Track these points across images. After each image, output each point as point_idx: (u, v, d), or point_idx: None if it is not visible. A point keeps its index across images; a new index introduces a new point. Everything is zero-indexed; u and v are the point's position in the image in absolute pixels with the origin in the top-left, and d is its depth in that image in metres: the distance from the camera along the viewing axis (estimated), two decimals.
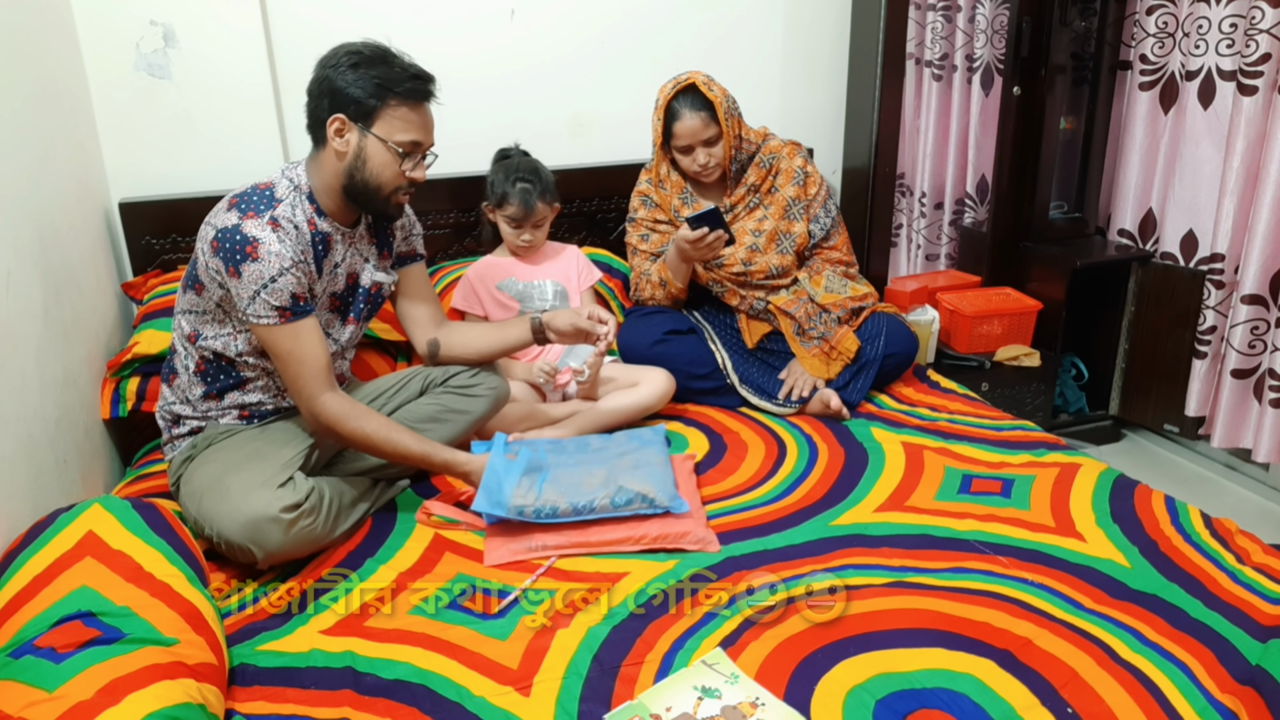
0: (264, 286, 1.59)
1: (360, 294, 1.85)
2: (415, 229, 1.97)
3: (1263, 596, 1.46)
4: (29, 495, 1.55)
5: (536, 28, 2.61)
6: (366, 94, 1.63)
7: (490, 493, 1.69)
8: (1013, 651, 1.36)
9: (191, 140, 2.36)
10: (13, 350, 1.57)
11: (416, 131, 1.69)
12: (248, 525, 1.55)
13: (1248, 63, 2.37)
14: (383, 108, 1.65)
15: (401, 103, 1.65)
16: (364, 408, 1.73)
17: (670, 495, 1.73)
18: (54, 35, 2.07)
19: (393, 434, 1.71)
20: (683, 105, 2.25)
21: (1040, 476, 1.86)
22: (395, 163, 1.68)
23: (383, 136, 1.66)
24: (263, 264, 1.59)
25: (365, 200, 1.72)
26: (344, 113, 1.65)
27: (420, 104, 1.69)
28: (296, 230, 1.66)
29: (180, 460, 1.74)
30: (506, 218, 2.27)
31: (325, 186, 1.71)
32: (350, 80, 1.63)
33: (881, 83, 2.69)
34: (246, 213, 1.62)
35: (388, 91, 1.64)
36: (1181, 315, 2.67)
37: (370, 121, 1.65)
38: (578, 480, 1.76)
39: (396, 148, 1.66)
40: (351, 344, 1.90)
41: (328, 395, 1.67)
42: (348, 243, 1.79)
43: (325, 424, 1.69)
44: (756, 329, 2.38)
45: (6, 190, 1.65)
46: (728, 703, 1.26)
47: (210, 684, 1.23)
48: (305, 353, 1.65)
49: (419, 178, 1.73)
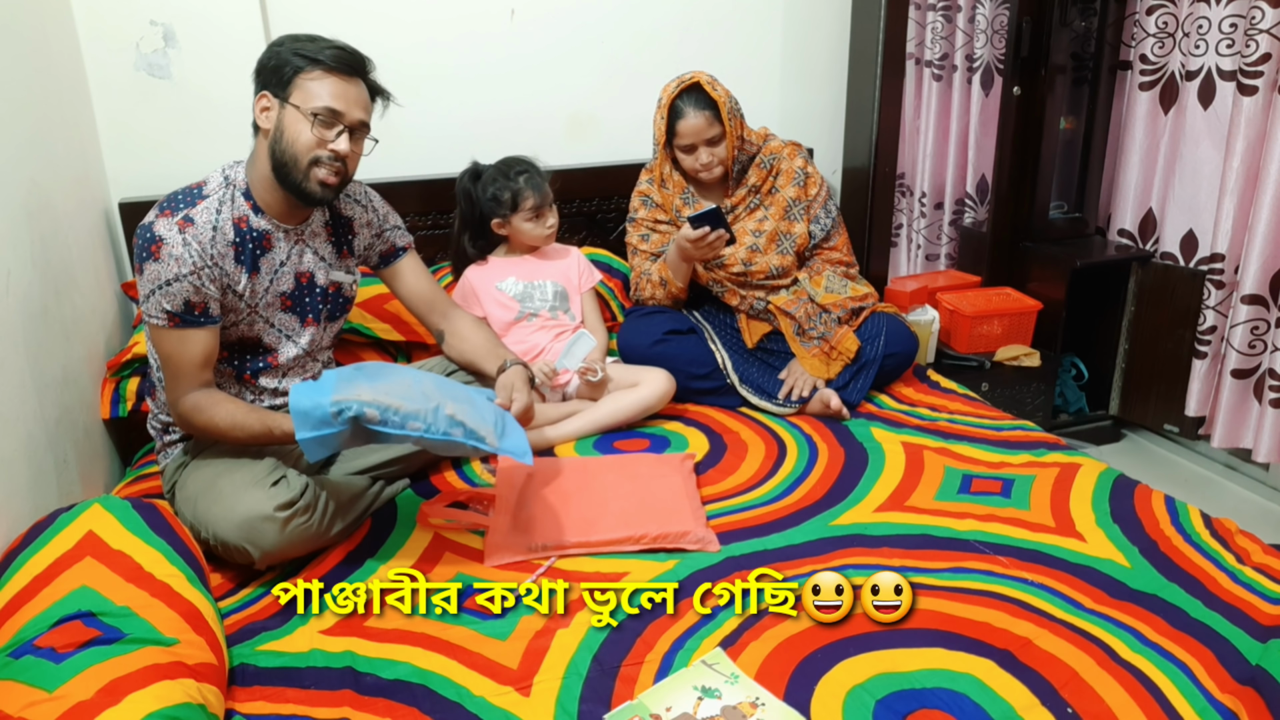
0: (159, 288, 1.58)
1: (317, 294, 1.81)
2: (389, 222, 1.92)
3: (1263, 596, 1.46)
4: (29, 495, 1.55)
5: (536, 27, 2.61)
6: (284, 64, 1.62)
7: (308, 405, 1.46)
8: (1013, 651, 1.36)
9: (191, 140, 2.36)
10: (13, 350, 1.57)
11: (332, 99, 1.63)
12: (242, 525, 1.54)
13: (1248, 63, 2.37)
14: (298, 75, 1.62)
15: (316, 68, 1.62)
16: (220, 397, 1.66)
17: (499, 434, 1.59)
18: (54, 35, 2.07)
19: (237, 417, 1.63)
20: (687, 104, 2.25)
21: (1040, 476, 1.86)
22: (308, 130, 1.62)
23: (298, 104, 1.62)
24: (162, 265, 1.57)
25: (287, 180, 1.66)
26: (267, 89, 1.64)
27: (340, 74, 1.64)
28: (214, 231, 1.62)
29: (174, 467, 1.74)
30: (527, 211, 2.24)
31: (261, 179, 1.68)
32: (274, 55, 1.64)
33: (881, 83, 2.69)
34: (164, 210, 1.61)
35: (306, 60, 1.62)
36: (1181, 315, 2.67)
37: (288, 92, 1.63)
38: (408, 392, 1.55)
39: (310, 114, 1.62)
40: (320, 346, 1.86)
41: (192, 394, 1.65)
42: (293, 240, 1.75)
43: (184, 420, 1.66)
44: (756, 329, 2.38)
45: (6, 190, 1.65)
46: (728, 703, 1.26)
47: (210, 684, 1.23)
48: (183, 358, 1.62)
49: (340, 149, 1.65)
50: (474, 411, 1.59)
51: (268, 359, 1.77)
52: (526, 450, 1.60)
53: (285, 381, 1.81)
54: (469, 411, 1.58)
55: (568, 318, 2.33)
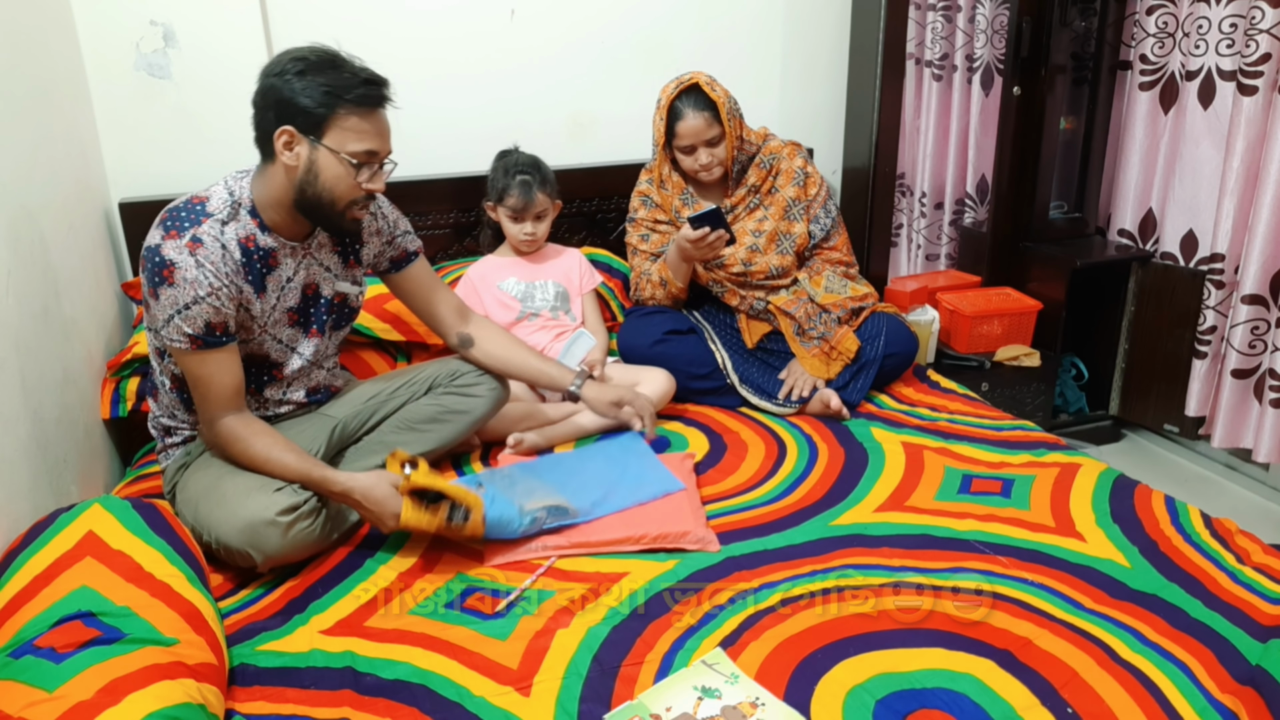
0: (178, 312, 1.55)
1: (323, 305, 1.78)
2: (399, 228, 1.89)
3: (1263, 596, 1.46)
4: (29, 495, 1.55)
5: (536, 27, 2.61)
6: (315, 103, 1.53)
7: (497, 520, 1.62)
8: (1013, 651, 1.36)
9: (191, 140, 2.36)
10: (13, 350, 1.57)
11: (371, 140, 1.58)
12: (245, 529, 1.54)
13: (1248, 63, 2.37)
14: (333, 117, 1.55)
15: (352, 111, 1.55)
16: (259, 428, 1.64)
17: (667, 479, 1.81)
18: (54, 35, 2.07)
19: (274, 453, 1.61)
20: (686, 105, 2.26)
21: (1040, 476, 1.86)
22: (350, 175, 1.58)
23: (334, 148, 1.56)
24: (177, 290, 1.54)
25: (319, 216, 1.64)
26: (292, 124, 1.55)
27: (373, 111, 1.59)
28: (224, 250, 1.58)
29: (175, 468, 1.74)
30: (508, 210, 2.27)
31: (273, 201, 1.63)
32: (297, 89, 1.53)
33: (881, 83, 2.69)
34: (169, 231, 1.56)
35: (338, 100, 1.54)
36: (1181, 315, 2.67)
37: (321, 133, 1.55)
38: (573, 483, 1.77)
39: (350, 159, 1.57)
40: (325, 355, 1.85)
41: (227, 418, 1.63)
42: (300, 256, 1.71)
43: (218, 444, 1.65)
44: (756, 329, 2.38)
45: (6, 190, 1.65)
46: (728, 703, 1.26)
47: (210, 684, 1.23)
48: (213, 380, 1.60)
49: (378, 188, 1.63)
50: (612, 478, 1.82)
51: (273, 372, 1.77)
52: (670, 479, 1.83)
53: (290, 392, 1.81)
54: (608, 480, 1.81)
55: (568, 318, 2.34)
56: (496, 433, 2.05)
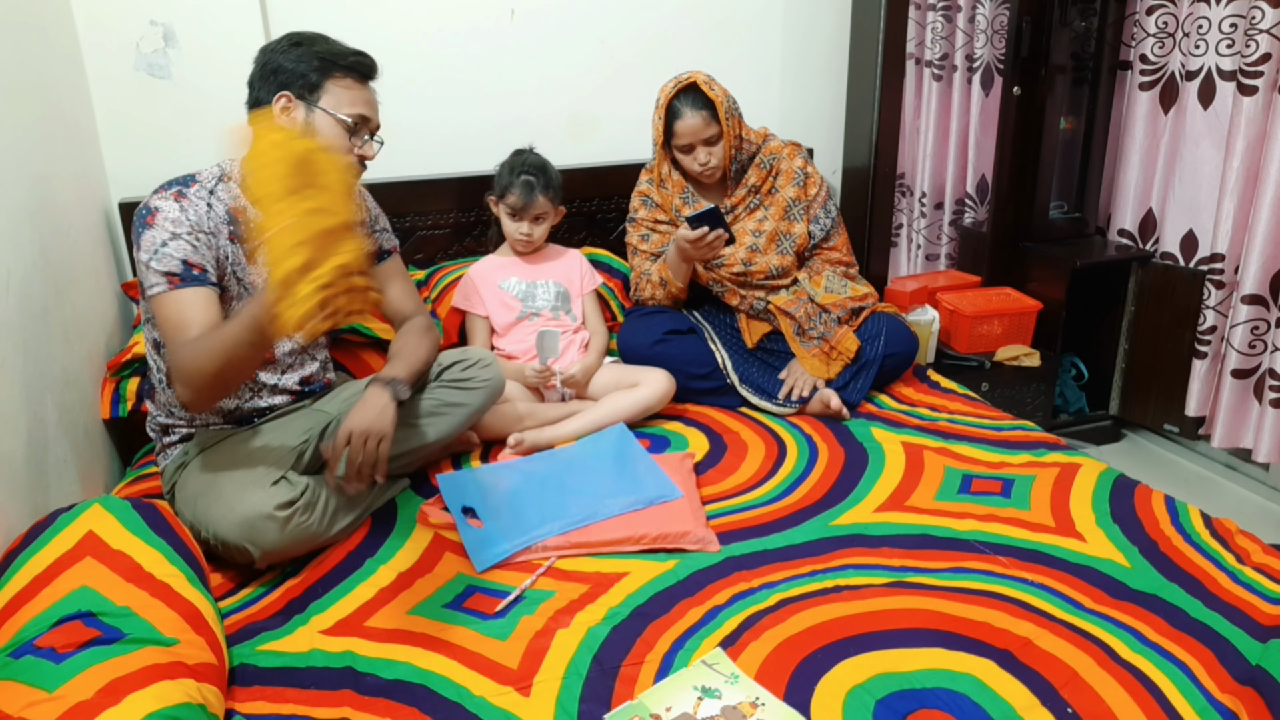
0: (155, 252, 1.56)
1: None
2: (379, 224, 1.92)
3: (1263, 596, 1.46)
4: (29, 495, 1.55)
5: (536, 28, 2.61)
6: (310, 68, 1.64)
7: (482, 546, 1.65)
8: (1013, 651, 1.36)
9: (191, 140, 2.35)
10: (13, 350, 1.57)
11: (363, 106, 1.68)
12: (243, 524, 1.54)
13: (1248, 63, 2.37)
14: (328, 80, 1.64)
15: (346, 75, 1.66)
16: (205, 335, 1.52)
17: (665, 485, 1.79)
18: (54, 35, 2.07)
19: (216, 332, 1.49)
20: (684, 104, 2.26)
21: (1040, 476, 1.86)
22: (344, 138, 1.66)
23: (328, 108, 1.64)
24: (157, 229, 1.58)
25: None
26: (289, 90, 1.64)
27: (364, 81, 1.69)
28: (209, 207, 1.64)
29: (173, 468, 1.74)
30: (507, 207, 2.27)
31: None
32: (294, 58, 1.64)
33: (881, 83, 2.69)
34: (158, 191, 1.63)
35: (332, 65, 1.64)
36: (1181, 315, 2.67)
37: (317, 95, 1.64)
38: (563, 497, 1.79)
39: (346, 118, 1.65)
40: (315, 339, 1.84)
41: None
42: None
43: (184, 376, 1.51)
44: (756, 329, 2.38)
45: (6, 190, 1.65)
46: (728, 703, 1.26)
47: (210, 684, 1.23)
48: (191, 323, 1.52)
49: (369, 154, 1.70)
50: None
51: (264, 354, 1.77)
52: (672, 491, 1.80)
53: (284, 379, 1.81)
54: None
55: (569, 318, 2.34)
56: (496, 432, 2.05)
